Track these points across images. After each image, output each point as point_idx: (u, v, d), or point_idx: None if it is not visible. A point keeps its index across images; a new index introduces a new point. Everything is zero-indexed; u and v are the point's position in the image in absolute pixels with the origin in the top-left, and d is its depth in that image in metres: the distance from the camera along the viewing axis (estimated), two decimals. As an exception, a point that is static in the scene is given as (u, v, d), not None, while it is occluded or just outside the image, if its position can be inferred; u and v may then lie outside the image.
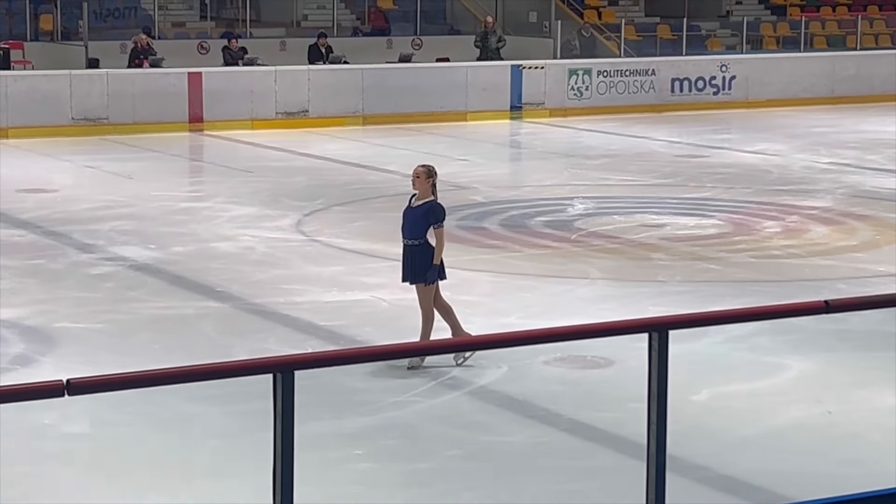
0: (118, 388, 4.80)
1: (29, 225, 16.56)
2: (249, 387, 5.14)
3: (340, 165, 21.89)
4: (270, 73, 27.03)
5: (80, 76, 25.76)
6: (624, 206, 18.13)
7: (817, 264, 14.74)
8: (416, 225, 10.82)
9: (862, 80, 32.04)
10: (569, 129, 26.81)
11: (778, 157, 23.02)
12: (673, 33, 34.31)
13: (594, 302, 12.94)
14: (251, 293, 13.18)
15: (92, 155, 22.47)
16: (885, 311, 11.16)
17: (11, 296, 13.04)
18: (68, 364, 10.72)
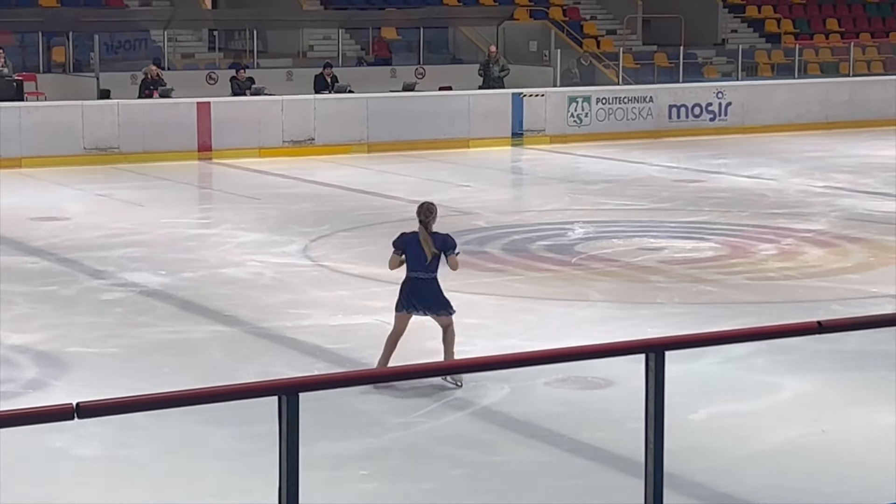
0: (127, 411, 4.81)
1: (42, 252, 16.58)
2: (257, 409, 5.14)
3: (346, 192, 21.91)
4: (277, 103, 27.08)
5: (91, 107, 25.82)
6: (623, 230, 18.13)
7: (812, 286, 14.74)
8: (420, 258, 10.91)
9: (855, 105, 32.10)
10: (569, 155, 26.84)
11: (773, 181, 23.04)
12: (670, 61, 34.40)
13: (594, 324, 12.94)
14: (259, 317, 13.18)
15: (103, 183, 22.51)
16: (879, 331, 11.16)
17: (25, 321, 13.06)
18: (80, 388, 10.73)
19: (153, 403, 5.10)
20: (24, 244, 17.10)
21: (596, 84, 31.89)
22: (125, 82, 28.77)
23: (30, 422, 4.80)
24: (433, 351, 11.34)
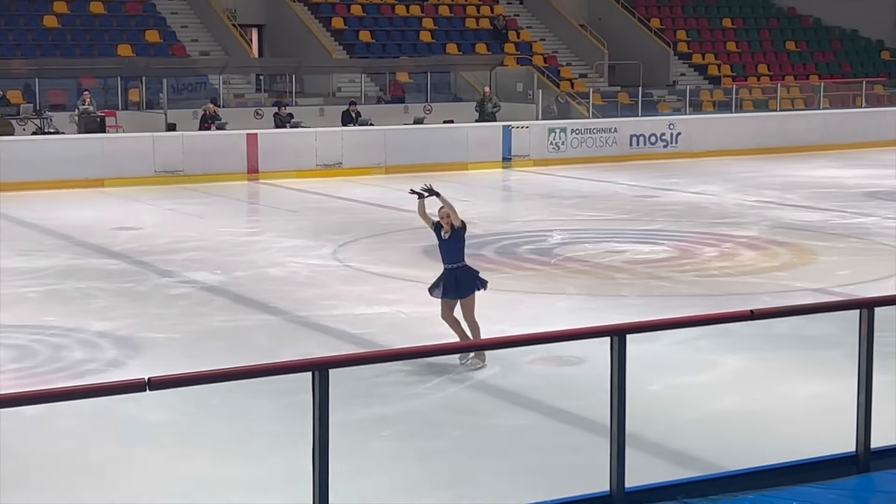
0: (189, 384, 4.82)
1: (121, 256, 16.60)
2: (295, 383, 5.14)
3: (368, 206, 21.93)
4: (311, 134, 27.12)
5: (161, 137, 25.86)
6: (593, 236, 18.13)
7: (747, 281, 14.74)
8: (454, 252, 10.78)
9: (781, 135, 32.15)
10: (549, 175, 26.84)
11: (715, 196, 23.03)
12: (631, 99, 34.41)
13: (569, 312, 12.94)
14: (296, 308, 13.20)
15: (170, 200, 22.53)
16: (801, 318, 11.17)
17: (106, 312, 13.09)
18: (151, 366, 10.74)
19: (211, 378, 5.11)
20: (106, 249, 17.12)
21: (571, 118, 31.88)
22: (188, 117, 28.78)
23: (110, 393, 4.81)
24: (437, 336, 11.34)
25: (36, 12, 33.32)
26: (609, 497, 5.38)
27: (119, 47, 32.77)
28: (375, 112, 30.97)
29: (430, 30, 37.55)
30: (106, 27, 33.68)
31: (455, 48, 36.86)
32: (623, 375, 5.34)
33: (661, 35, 39.73)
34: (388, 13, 37.74)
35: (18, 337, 11.89)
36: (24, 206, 21.41)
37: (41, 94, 29.65)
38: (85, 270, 15.50)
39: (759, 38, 42.11)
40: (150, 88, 31.10)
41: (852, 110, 35.46)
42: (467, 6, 39.15)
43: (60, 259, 16.33)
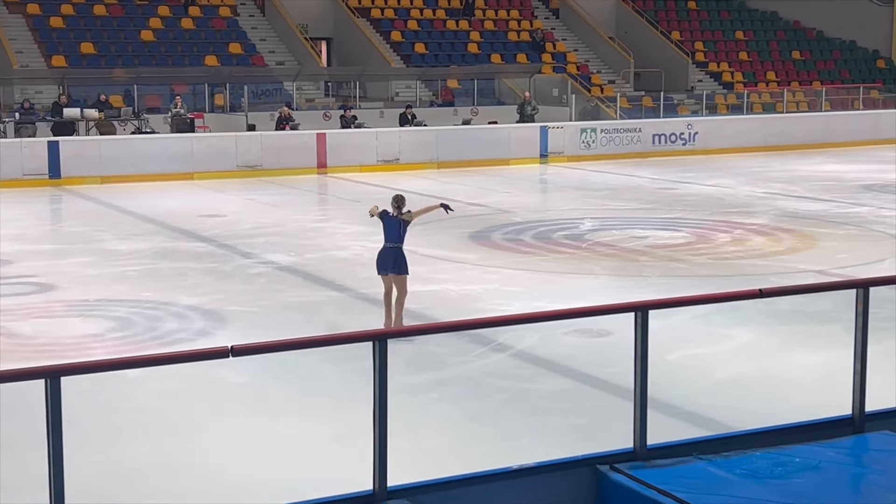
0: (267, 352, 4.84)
1: (208, 239, 16.72)
2: (358, 351, 5.16)
3: (422, 197, 21.87)
4: (373, 133, 27.16)
5: (242, 137, 25.99)
6: (619, 223, 18.06)
7: (756, 263, 14.63)
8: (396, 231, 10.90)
9: (787, 134, 31.86)
10: (581, 170, 26.74)
11: (728, 188, 22.86)
12: (653, 102, 34.19)
13: (598, 291, 12.91)
14: (360, 286, 13.22)
15: (250, 191, 22.65)
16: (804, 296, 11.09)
17: (195, 288, 13.19)
18: (234, 335, 10.82)
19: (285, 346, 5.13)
20: (194, 234, 17.24)
21: (600, 119, 31.72)
22: (266, 119, 28.91)
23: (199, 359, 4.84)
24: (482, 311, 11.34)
25: (135, 27, 33.56)
26: (633, 453, 5.36)
27: (206, 58, 32.94)
28: (428, 114, 30.96)
29: (477, 42, 37.45)
30: (195, 40, 33.86)
31: (499, 58, 36.74)
32: (646, 346, 5.32)
33: (681, 46, 39.44)
34: (440, 27, 37.68)
35: (119, 310, 12.02)
36: (124, 196, 21.61)
37: (139, 98, 29.87)
38: (177, 252, 15.62)
39: (767, 49, 41.71)
40: (233, 94, 31.24)
41: (851, 112, 35.09)
42: (509, 21, 39.02)
43: (156, 242, 16.46)
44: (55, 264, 14.66)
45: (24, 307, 12.15)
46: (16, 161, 23.33)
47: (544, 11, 40.64)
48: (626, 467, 5.22)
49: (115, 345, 10.53)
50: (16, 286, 13.30)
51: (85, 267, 14.49)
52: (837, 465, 5.32)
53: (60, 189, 22.98)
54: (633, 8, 40.91)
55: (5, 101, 29.02)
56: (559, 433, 8.07)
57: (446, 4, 38.65)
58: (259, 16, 36.36)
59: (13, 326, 11.29)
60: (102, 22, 33.44)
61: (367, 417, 4.85)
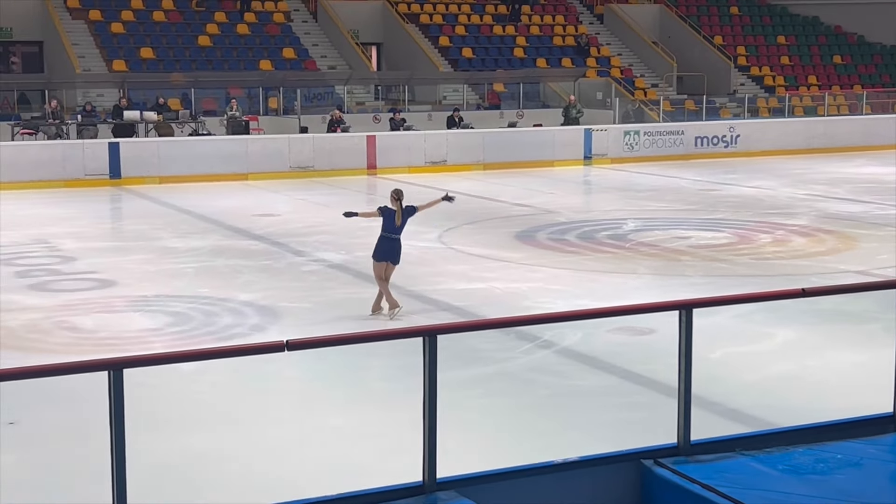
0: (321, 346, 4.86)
1: (261, 238, 16.82)
2: (408, 346, 5.17)
3: (468, 197, 21.93)
4: (421, 136, 27.19)
5: (295, 139, 26.13)
6: (662, 224, 17.96)
7: (797, 264, 14.49)
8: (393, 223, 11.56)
9: (828, 137, 31.53)
10: (624, 172, 26.62)
11: (769, 190, 22.66)
12: (696, 106, 33.97)
13: (641, 290, 12.84)
14: (409, 283, 13.24)
15: (303, 191, 22.77)
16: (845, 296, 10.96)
17: (250, 285, 13.28)
18: (287, 330, 10.88)
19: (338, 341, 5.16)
20: (249, 232, 17.36)
21: (643, 122, 31.57)
22: (318, 122, 29.04)
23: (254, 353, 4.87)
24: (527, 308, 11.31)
25: (192, 33, 33.86)
26: (676, 448, 5.33)
27: (261, 62, 33.16)
28: (475, 117, 30.94)
29: (523, 46, 37.39)
30: (250, 45, 34.10)
31: (544, 62, 36.66)
32: (689, 344, 5.28)
33: (724, 50, 39.14)
34: (487, 32, 37.66)
35: (177, 305, 12.12)
36: (182, 196, 21.80)
37: (196, 101, 30.12)
38: (232, 250, 15.73)
39: (809, 53, 41.30)
40: (286, 97, 31.43)
41: (891, 116, 34.59)
42: (555, 26, 38.91)
43: (212, 240, 16.59)
44: (116, 261, 14.82)
45: (86, 302, 12.30)
46: (78, 162, 23.61)
47: (589, 17, 40.50)
48: (669, 462, 5.19)
49: (173, 339, 10.62)
50: (78, 282, 13.46)
51: (144, 264, 14.64)
52: (878, 461, 5.27)
53: (120, 189, 23.22)
54: (676, 13, 40.66)
55: (68, 103, 29.38)
56: (602, 428, 8.04)
57: (493, 10, 38.62)
58: (312, 22, 36.54)
59: (76, 321, 11.43)
60: (161, 28, 33.76)
61: (417, 411, 4.86)
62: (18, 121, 27.02)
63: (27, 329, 11.08)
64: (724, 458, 5.27)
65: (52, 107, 26.92)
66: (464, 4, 38.59)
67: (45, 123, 26.50)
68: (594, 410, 8.56)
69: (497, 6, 38.80)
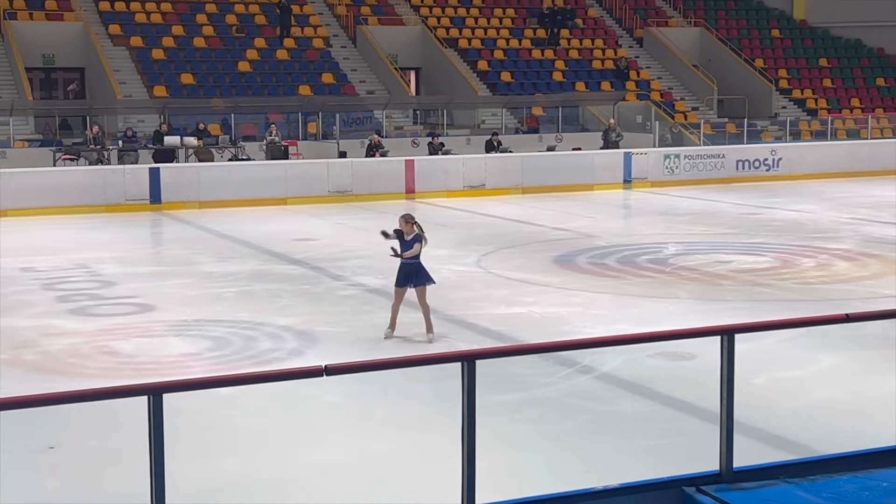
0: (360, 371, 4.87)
1: (300, 262, 16.89)
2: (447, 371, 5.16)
3: (507, 221, 21.95)
4: (459, 160, 27.26)
5: (334, 163, 26.27)
6: (703, 248, 17.86)
7: (841, 288, 14.35)
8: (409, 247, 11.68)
9: (872, 160, 31.29)
10: (664, 195, 26.52)
11: (812, 214, 22.49)
12: (737, 129, 33.82)
13: (682, 314, 12.76)
14: (447, 307, 13.24)
15: (342, 216, 22.87)
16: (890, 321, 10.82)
17: (288, 309, 13.32)
18: (325, 355, 10.90)
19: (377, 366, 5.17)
20: (287, 256, 17.44)
21: (683, 145, 31.49)
22: (357, 146, 29.20)
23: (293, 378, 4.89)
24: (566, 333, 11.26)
25: (232, 59, 34.19)
26: (719, 475, 5.28)
27: (300, 87, 33.40)
28: (514, 141, 30.98)
29: (562, 70, 37.43)
30: (289, 71, 34.37)
31: (583, 86, 36.67)
32: (731, 369, 5.24)
33: (765, 73, 38.97)
34: (526, 56, 37.74)
35: (217, 329, 12.18)
36: (221, 220, 21.95)
37: (236, 126, 30.39)
38: (271, 274, 15.80)
39: (851, 76, 41.05)
40: (325, 122, 31.62)
41: (936, 138, 34.32)
42: (594, 49, 38.94)
43: (251, 265, 16.67)
44: (155, 286, 14.93)
45: (126, 327, 12.39)
46: (119, 187, 23.86)
47: (628, 40, 40.49)
48: (712, 489, 5.14)
49: (213, 363, 10.67)
50: (118, 306, 13.57)
51: (184, 288, 14.74)
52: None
53: (161, 213, 23.43)
54: (716, 36, 40.55)
55: (109, 129, 29.72)
56: (643, 455, 7.98)
57: (532, 34, 38.71)
58: (351, 47, 36.79)
59: (116, 345, 11.51)
60: (201, 54, 34.12)
61: (455, 435, 4.85)
62: (60, 146, 27.38)
63: (67, 353, 11.18)
64: (768, 486, 5.22)
65: (94, 132, 27.25)
66: (502, 29, 38.72)
67: (86, 149, 26.83)
68: (635, 436, 8.51)
69: (536, 30, 38.89)
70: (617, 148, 29.62)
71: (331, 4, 38.30)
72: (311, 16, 37.20)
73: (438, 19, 38.40)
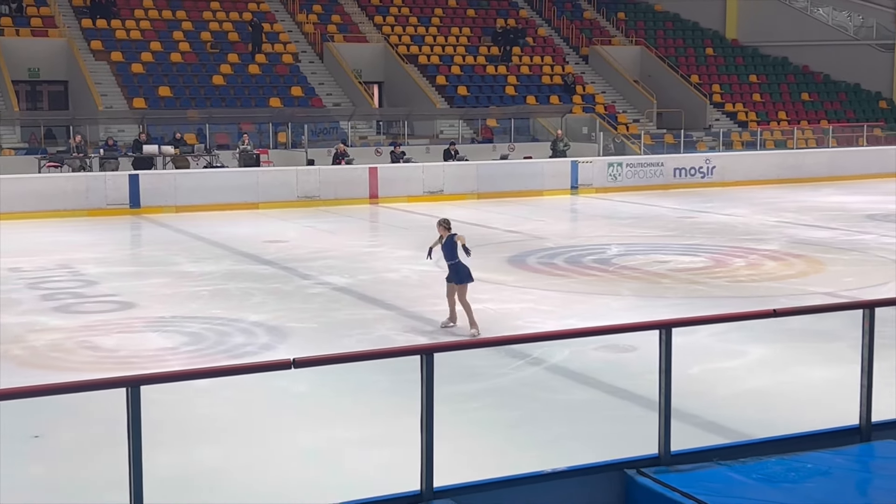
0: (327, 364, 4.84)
1: (271, 262, 16.81)
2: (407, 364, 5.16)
3: (464, 224, 21.91)
4: (420, 167, 27.24)
5: (302, 170, 26.15)
6: (644, 249, 17.97)
7: (769, 286, 14.49)
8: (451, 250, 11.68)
9: (797, 168, 31.63)
10: (608, 201, 26.66)
11: (743, 217, 22.70)
12: (675, 139, 34.06)
13: (624, 310, 12.84)
14: (408, 305, 13.26)
15: (310, 219, 22.78)
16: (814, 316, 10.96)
17: (260, 306, 13.25)
18: (295, 349, 10.86)
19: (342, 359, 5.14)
20: (259, 257, 17.34)
21: (626, 154, 31.67)
22: (324, 155, 29.09)
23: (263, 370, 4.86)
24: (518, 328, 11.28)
25: (207, 73, 33.95)
26: (658, 458, 5.31)
27: (271, 100, 33.23)
28: (470, 150, 31.01)
29: (514, 84, 37.51)
30: (260, 84, 34.19)
31: (533, 99, 36.78)
32: (669, 361, 5.27)
33: (700, 88, 39.29)
34: (481, 72, 37.79)
35: (192, 325, 12.10)
36: (197, 224, 21.79)
37: (210, 136, 30.18)
38: (243, 274, 15.71)
39: (779, 91, 41.47)
40: (294, 132, 31.49)
41: (855, 149, 34.76)
42: (543, 66, 39.05)
43: (224, 265, 16.57)
44: (135, 285, 14.80)
45: (106, 323, 12.27)
46: (100, 192, 23.62)
47: (575, 57, 40.66)
48: (651, 472, 5.17)
49: (189, 357, 10.60)
50: (100, 304, 13.44)
51: (161, 287, 14.62)
52: (846, 471, 5.25)
53: (140, 217, 23.22)
54: (655, 54, 40.84)
55: (91, 138, 29.42)
56: (589, 440, 8.01)
57: (486, 52, 38.77)
58: (318, 62, 36.65)
59: (97, 340, 11.39)
60: (178, 68, 33.85)
61: (415, 424, 4.84)
62: (45, 154, 27.05)
63: (51, 348, 11.05)
64: (702, 468, 5.25)
65: (77, 141, 26.96)
66: (459, 46, 38.75)
67: (69, 157, 26.54)
68: (581, 423, 8.54)
69: (490, 48, 38.96)
70: (564, 157, 29.73)
71: (299, 22, 38.15)
72: (281, 33, 37.03)
73: (400, 37, 38.37)
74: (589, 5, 44.03)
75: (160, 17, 35.79)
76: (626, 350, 10.46)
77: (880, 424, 5.79)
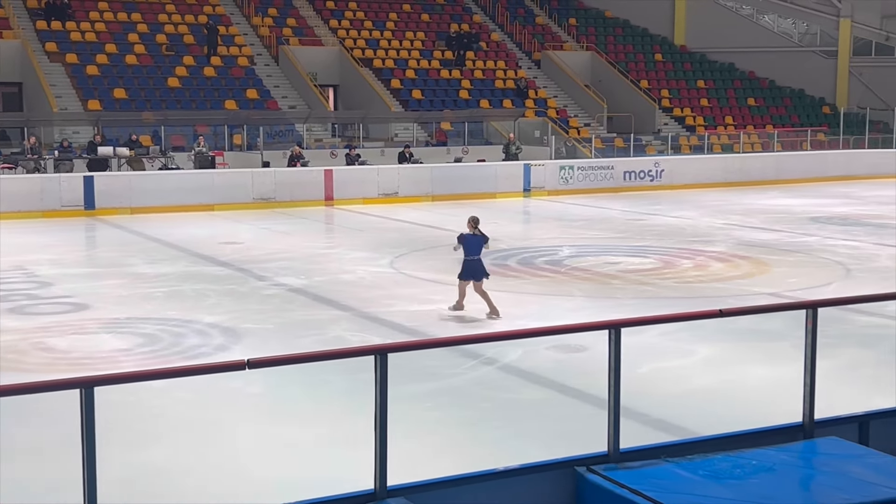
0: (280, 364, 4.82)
1: (227, 264, 16.70)
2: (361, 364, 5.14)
3: (418, 226, 21.97)
4: (374, 170, 27.21)
5: (258, 172, 26.02)
6: (594, 251, 18.07)
7: (716, 287, 14.64)
8: (477, 246, 12.31)
9: (743, 172, 32.00)
10: (560, 203, 26.80)
11: (691, 220, 22.92)
12: (624, 143, 34.31)
13: (576, 310, 12.90)
14: (362, 305, 13.23)
15: (265, 221, 22.66)
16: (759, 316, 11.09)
17: (215, 307, 13.16)
18: (250, 350, 10.79)
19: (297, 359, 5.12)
20: (214, 259, 17.22)
21: (577, 157, 31.83)
22: (279, 157, 28.94)
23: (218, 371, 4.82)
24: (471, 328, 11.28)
25: (162, 75, 33.64)
26: (607, 455, 5.34)
27: (226, 102, 32.99)
28: (424, 153, 31.01)
29: (467, 88, 37.59)
30: (216, 87, 33.94)
31: (487, 103, 36.87)
32: (618, 360, 5.31)
33: (649, 93, 39.62)
34: (435, 76, 37.82)
35: (147, 327, 11.98)
36: (152, 225, 21.59)
37: (166, 138, 29.89)
38: (199, 275, 15.59)
39: (725, 96, 41.93)
40: (249, 134, 31.28)
41: (800, 153, 35.24)
42: (496, 70, 39.17)
43: (180, 266, 16.44)
44: (89, 286, 14.62)
45: (60, 324, 12.11)
46: (55, 194, 23.32)
47: (527, 62, 40.82)
48: (601, 469, 5.20)
49: (143, 358, 10.49)
50: (54, 305, 13.26)
51: (116, 288, 14.46)
52: (789, 467, 5.32)
53: (95, 219, 22.95)
54: (606, 60, 41.12)
55: (46, 140, 29.02)
56: (541, 438, 8.04)
57: (440, 56, 38.81)
58: (273, 65, 36.46)
59: (51, 342, 11.24)
60: (133, 70, 33.50)
61: (370, 423, 4.83)
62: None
63: (5, 350, 10.88)
64: (651, 465, 5.29)
65: (31, 143, 26.58)
66: (413, 50, 38.75)
67: (24, 158, 26.15)
68: (533, 421, 8.57)
69: (444, 52, 39.00)
70: (517, 160, 29.84)
71: (255, 25, 37.93)
72: (237, 36, 36.79)
73: (355, 41, 38.27)
74: (541, 11, 44.25)
75: (115, 20, 35.41)
76: (577, 350, 10.51)
77: (823, 422, 5.87)
